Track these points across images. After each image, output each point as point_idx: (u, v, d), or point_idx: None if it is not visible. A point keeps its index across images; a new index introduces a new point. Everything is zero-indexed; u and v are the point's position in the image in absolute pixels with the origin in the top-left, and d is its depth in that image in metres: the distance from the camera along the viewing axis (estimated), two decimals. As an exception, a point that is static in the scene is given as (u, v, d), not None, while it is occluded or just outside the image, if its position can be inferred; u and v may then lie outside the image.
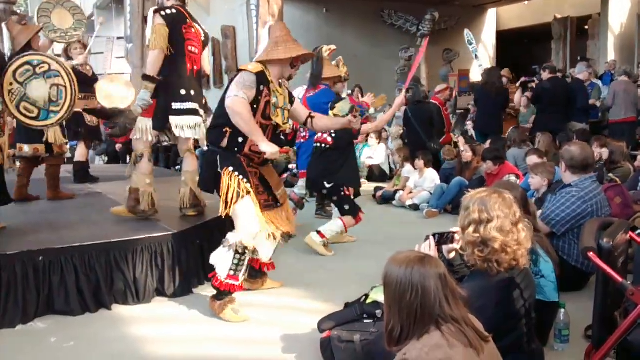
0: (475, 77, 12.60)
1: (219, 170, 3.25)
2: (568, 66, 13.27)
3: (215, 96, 3.83)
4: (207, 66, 4.27)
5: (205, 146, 3.59)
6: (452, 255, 2.39)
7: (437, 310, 1.69)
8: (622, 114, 7.81)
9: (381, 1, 14.53)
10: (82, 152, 6.51)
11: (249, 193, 3.22)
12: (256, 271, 3.68)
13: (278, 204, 3.53)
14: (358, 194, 4.88)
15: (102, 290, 3.45)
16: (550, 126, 7.12)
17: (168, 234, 3.74)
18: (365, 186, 7.45)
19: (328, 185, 4.64)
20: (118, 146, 10.85)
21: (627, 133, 7.68)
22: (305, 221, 5.45)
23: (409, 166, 7.40)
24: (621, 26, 13.51)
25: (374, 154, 9.17)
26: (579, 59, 11.53)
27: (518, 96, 8.40)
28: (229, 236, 3.28)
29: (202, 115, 4.04)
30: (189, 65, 3.93)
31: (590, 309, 2.42)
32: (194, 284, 3.83)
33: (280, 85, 3.40)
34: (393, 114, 5.64)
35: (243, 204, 3.21)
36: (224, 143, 3.25)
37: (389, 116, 5.56)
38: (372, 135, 9.00)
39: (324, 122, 3.79)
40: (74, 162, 6.60)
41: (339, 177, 4.63)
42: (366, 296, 2.88)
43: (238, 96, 3.11)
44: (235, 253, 3.22)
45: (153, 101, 3.87)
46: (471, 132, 9.00)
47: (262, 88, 3.21)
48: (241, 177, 3.22)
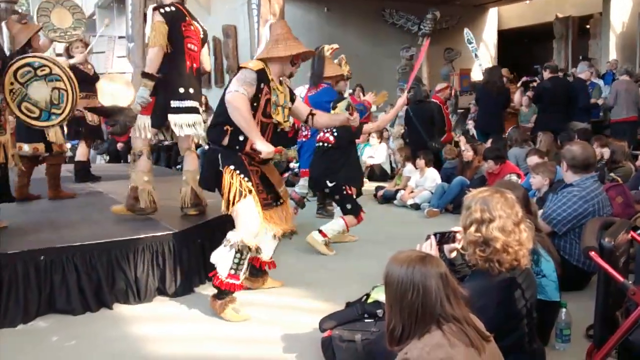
0: (476, 76, 12.59)
1: (220, 168, 3.25)
2: (569, 66, 13.25)
3: (217, 95, 3.82)
4: (207, 63, 4.25)
5: (206, 145, 3.58)
6: (454, 254, 2.39)
7: (438, 310, 1.69)
8: (624, 113, 7.78)
9: (382, 0, 14.52)
10: (83, 152, 6.51)
11: (250, 192, 3.22)
12: (257, 270, 3.68)
13: (278, 202, 3.53)
14: (360, 193, 4.89)
15: (103, 289, 3.44)
16: (551, 125, 7.11)
17: (169, 233, 3.73)
18: (367, 185, 7.44)
19: (330, 184, 4.65)
20: (119, 145, 10.85)
21: (629, 132, 7.66)
22: (306, 220, 5.44)
23: (410, 165, 7.41)
24: (623, 25, 13.47)
25: (375, 153, 9.18)
26: (580, 58, 11.53)
27: (518, 96, 8.40)
28: (229, 235, 3.27)
29: (202, 114, 4.03)
30: (188, 63, 3.92)
31: (591, 309, 2.42)
32: (195, 283, 3.82)
33: (280, 83, 3.40)
34: (395, 114, 5.64)
35: (245, 203, 3.21)
36: (225, 141, 3.25)
37: (391, 116, 5.57)
38: (374, 135, 9.00)
39: (324, 119, 3.79)
40: (75, 162, 6.61)
41: (340, 176, 4.64)
42: (367, 295, 2.87)
43: (238, 91, 3.11)
44: (236, 252, 3.21)
45: (152, 99, 3.86)
46: (472, 131, 8.98)
47: (263, 86, 3.21)
48: (242, 175, 3.22)
